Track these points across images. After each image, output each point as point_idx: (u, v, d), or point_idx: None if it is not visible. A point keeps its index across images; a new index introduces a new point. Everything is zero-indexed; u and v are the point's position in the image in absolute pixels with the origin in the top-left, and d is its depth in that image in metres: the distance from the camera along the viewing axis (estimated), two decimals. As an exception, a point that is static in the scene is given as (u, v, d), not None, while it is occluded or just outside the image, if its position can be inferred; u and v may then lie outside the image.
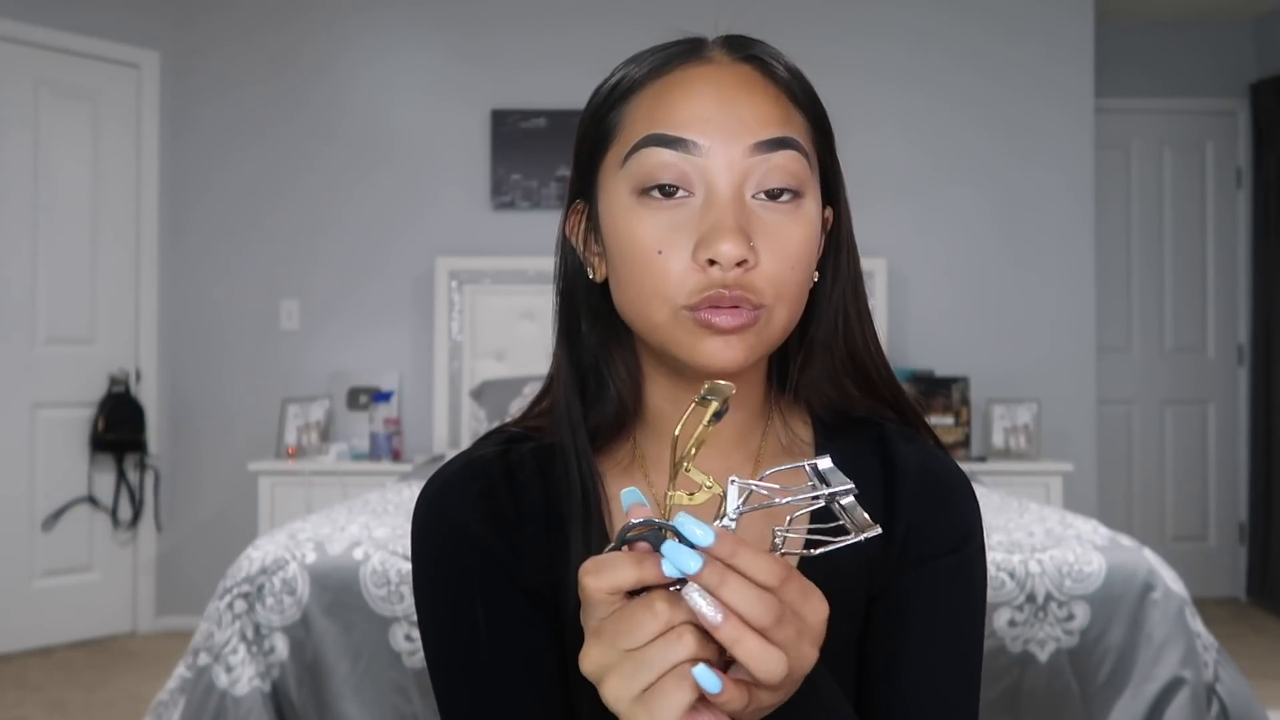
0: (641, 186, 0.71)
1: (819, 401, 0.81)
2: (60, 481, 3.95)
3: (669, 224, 0.71)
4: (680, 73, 0.73)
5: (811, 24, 4.19)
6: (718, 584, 0.54)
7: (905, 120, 4.22)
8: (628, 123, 0.74)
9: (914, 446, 0.81)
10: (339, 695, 1.93)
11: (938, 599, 0.77)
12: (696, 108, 0.71)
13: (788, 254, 0.71)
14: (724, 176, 0.70)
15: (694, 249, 0.70)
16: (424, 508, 0.79)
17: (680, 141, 0.70)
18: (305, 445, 3.98)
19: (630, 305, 0.74)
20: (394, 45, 4.26)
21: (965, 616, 0.78)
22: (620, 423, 0.79)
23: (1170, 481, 4.81)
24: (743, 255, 0.68)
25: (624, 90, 0.75)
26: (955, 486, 0.81)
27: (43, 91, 3.93)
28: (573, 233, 0.80)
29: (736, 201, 0.70)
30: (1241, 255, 4.80)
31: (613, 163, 0.74)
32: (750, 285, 0.70)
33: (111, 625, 4.09)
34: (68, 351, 3.98)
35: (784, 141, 0.72)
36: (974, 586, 0.79)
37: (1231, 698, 2.03)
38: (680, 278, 0.70)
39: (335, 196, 4.23)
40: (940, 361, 4.16)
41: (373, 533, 2.13)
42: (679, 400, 0.78)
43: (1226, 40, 4.79)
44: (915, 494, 0.79)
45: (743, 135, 0.71)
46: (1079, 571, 2.03)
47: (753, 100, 0.72)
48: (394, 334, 4.23)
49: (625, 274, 0.73)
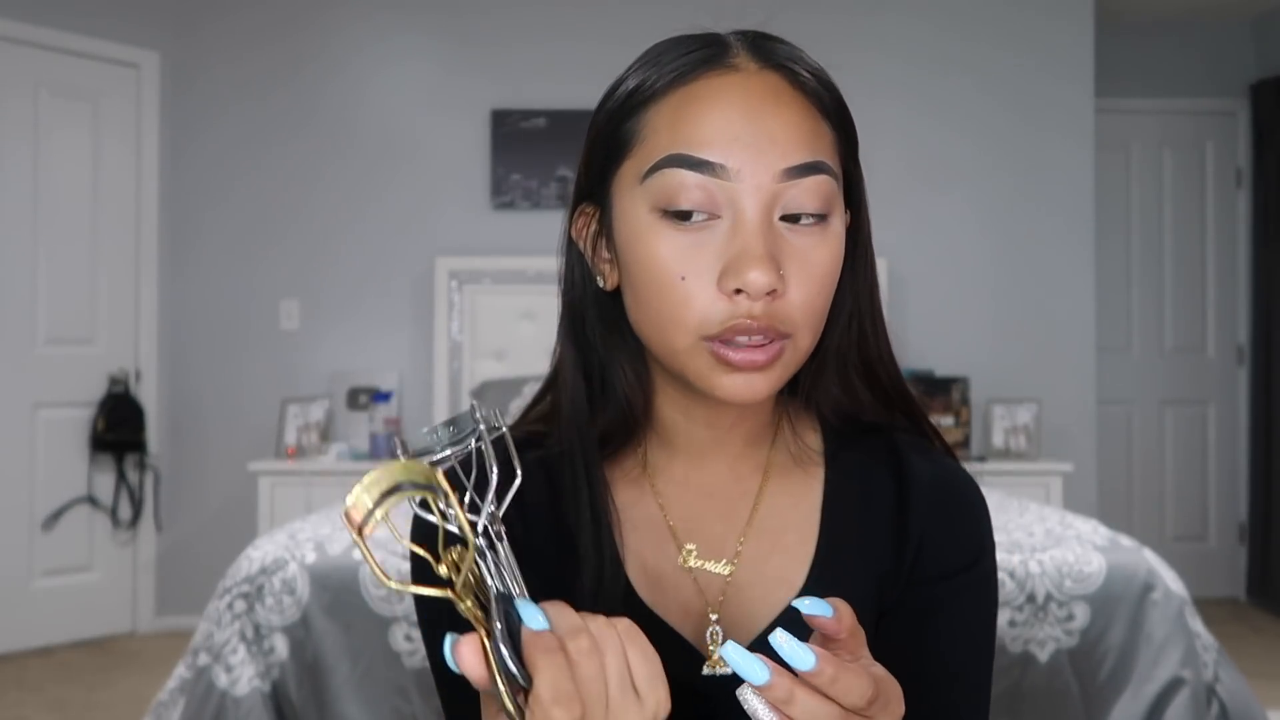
0: (664, 208, 0.68)
1: (829, 407, 0.79)
2: (60, 481, 3.95)
3: (692, 247, 0.67)
4: (705, 83, 0.69)
5: (809, 31, 4.19)
6: (785, 699, 0.54)
7: (906, 120, 4.21)
8: (648, 133, 0.70)
9: (927, 459, 0.79)
10: (339, 695, 1.93)
11: (952, 616, 0.76)
12: (723, 125, 0.67)
13: (815, 279, 0.69)
14: (752, 200, 0.67)
15: (720, 276, 0.67)
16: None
17: (706, 164, 0.67)
18: (305, 445, 3.98)
19: (647, 326, 0.71)
20: (394, 45, 4.26)
21: (979, 633, 0.77)
22: (628, 430, 0.77)
23: (1170, 481, 4.81)
24: (772, 284, 0.65)
25: (644, 97, 0.71)
26: (969, 501, 0.79)
27: (43, 91, 3.93)
28: (580, 236, 0.76)
29: (765, 226, 0.67)
30: (1241, 255, 4.80)
31: (630, 174, 0.71)
32: (778, 314, 0.67)
33: (111, 625, 4.09)
34: (68, 351, 3.98)
35: (815, 166, 0.68)
36: (987, 602, 0.78)
37: (1231, 698, 2.03)
38: (705, 307, 0.67)
39: (335, 196, 4.23)
40: (940, 361, 4.16)
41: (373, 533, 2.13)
42: (690, 413, 0.76)
43: (1226, 40, 4.79)
44: (929, 509, 0.77)
45: (773, 156, 0.67)
46: (1079, 572, 2.03)
47: (781, 115, 0.68)
48: (394, 334, 4.23)
49: (644, 295, 0.70)
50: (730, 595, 0.75)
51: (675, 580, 0.76)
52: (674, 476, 0.79)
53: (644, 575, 0.76)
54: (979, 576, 0.77)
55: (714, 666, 0.74)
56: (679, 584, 0.76)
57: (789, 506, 0.78)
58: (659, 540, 0.77)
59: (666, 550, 0.77)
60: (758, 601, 0.75)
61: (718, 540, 0.77)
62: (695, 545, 0.77)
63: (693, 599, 0.75)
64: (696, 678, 0.74)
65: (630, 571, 0.75)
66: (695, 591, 0.76)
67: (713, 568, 0.76)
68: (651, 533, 0.77)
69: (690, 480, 0.78)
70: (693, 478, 0.78)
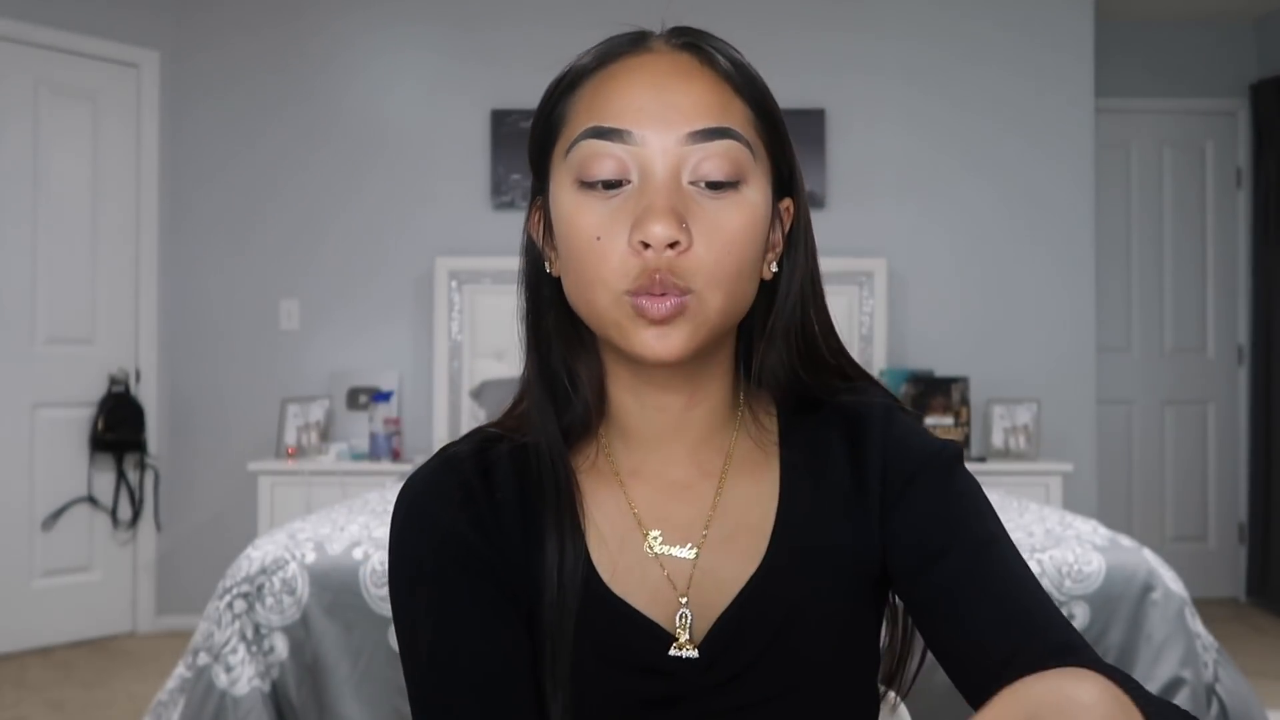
0: (582, 178, 0.73)
1: (776, 389, 0.82)
2: (60, 481, 3.95)
3: (608, 211, 0.72)
4: (621, 63, 0.75)
5: (812, 24, 4.19)
6: None
7: (905, 120, 4.21)
8: (571, 115, 0.75)
9: (869, 396, 0.82)
10: (339, 695, 1.93)
11: (936, 504, 0.77)
12: (631, 97, 0.72)
13: (722, 241, 0.71)
14: (659, 163, 0.71)
15: (629, 233, 0.70)
16: (406, 509, 0.78)
17: (616, 132, 0.72)
18: (305, 445, 3.98)
19: (577, 294, 0.75)
20: (394, 45, 4.26)
21: (974, 504, 0.78)
22: (586, 422, 0.80)
23: (1170, 482, 4.81)
24: (673, 236, 0.69)
25: (569, 83, 0.77)
26: (915, 422, 0.82)
27: (43, 91, 3.93)
28: (535, 230, 0.81)
29: (670, 185, 0.71)
30: (1241, 255, 4.80)
31: (559, 155, 0.75)
32: (680, 269, 0.70)
33: (111, 625, 4.09)
34: (68, 351, 3.98)
35: (721, 131, 0.72)
36: (965, 485, 0.79)
37: (1231, 698, 2.03)
38: (619, 263, 0.71)
39: (335, 196, 4.23)
40: (940, 361, 4.16)
41: (372, 533, 2.13)
42: (639, 393, 0.79)
43: (1227, 40, 4.79)
44: (879, 432, 0.80)
45: (678, 123, 0.71)
46: (1079, 572, 2.03)
47: (689, 88, 0.73)
48: (394, 334, 4.23)
49: (570, 263, 0.74)
50: (696, 579, 0.77)
51: (642, 567, 0.78)
52: (637, 466, 0.81)
53: (611, 562, 0.77)
54: (946, 461, 0.79)
55: (680, 649, 0.76)
56: (646, 570, 0.78)
57: (750, 488, 0.80)
58: (625, 528, 0.79)
59: (633, 537, 0.78)
60: (724, 582, 0.77)
61: (683, 526, 0.79)
62: (660, 532, 0.78)
63: (660, 584, 0.77)
64: (663, 659, 0.75)
65: (597, 559, 0.77)
66: (662, 577, 0.77)
67: (678, 553, 0.78)
68: (618, 521, 0.79)
69: (654, 469, 0.80)
70: (656, 466, 0.80)
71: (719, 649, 0.76)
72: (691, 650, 0.75)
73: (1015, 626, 0.70)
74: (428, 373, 4.19)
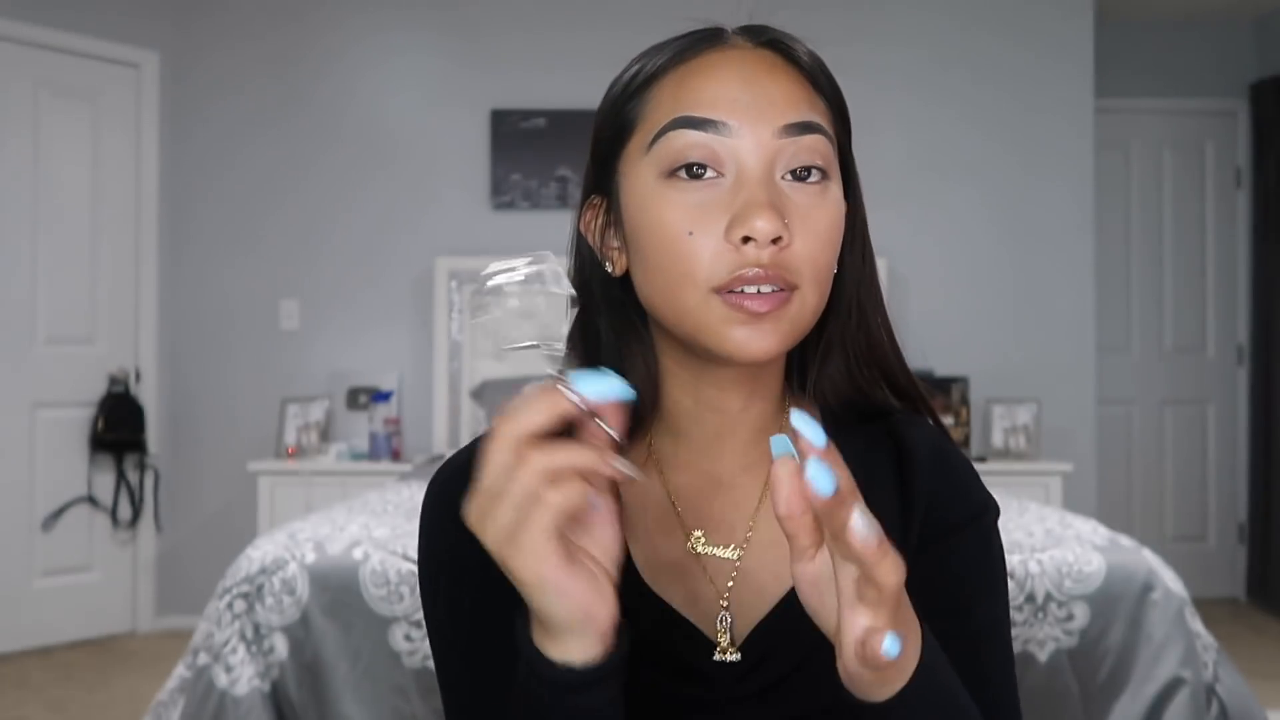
0: (670, 168, 0.70)
1: (835, 398, 0.80)
2: (60, 481, 3.95)
3: (699, 204, 0.69)
4: (704, 58, 0.73)
5: (812, 25, 4.19)
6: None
7: (905, 120, 4.22)
8: (651, 109, 0.72)
9: (922, 431, 0.81)
10: (339, 695, 1.93)
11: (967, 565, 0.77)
12: (723, 89, 0.70)
13: (818, 234, 0.70)
14: (754, 156, 0.69)
15: (727, 228, 0.68)
16: (434, 500, 0.77)
17: (709, 123, 0.69)
18: (305, 445, 3.98)
19: (658, 292, 0.72)
20: (394, 46, 4.26)
21: (995, 578, 0.78)
22: (638, 419, 0.77)
23: (1170, 481, 4.81)
24: (778, 231, 0.67)
25: (645, 79, 0.74)
26: (964, 466, 0.81)
27: (43, 91, 3.93)
28: (588, 229, 0.78)
29: (768, 179, 0.69)
30: (1241, 255, 4.80)
31: (636, 150, 0.73)
32: (785, 264, 0.68)
33: (111, 625, 4.09)
34: (68, 351, 3.98)
35: (811, 125, 0.71)
36: (996, 552, 0.79)
37: (1231, 698, 2.03)
38: (712, 258, 0.68)
39: (335, 197, 4.23)
40: (940, 361, 4.16)
41: (372, 533, 2.13)
42: (699, 393, 0.77)
43: (1227, 40, 4.79)
44: (929, 473, 0.78)
45: (772, 116, 0.70)
46: (1079, 572, 2.03)
47: (778, 83, 0.71)
48: (394, 334, 4.23)
49: (653, 260, 0.71)
50: (739, 581, 0.76)
51: (684, 566, 0.76)
52: (683, 464, 0.79)
53: (652, 561, 0.76)
54: (986, 526, 0.79)
55: (723, 653, 0.74)
56: (687, 570, 0.76)
57: None
58: (667, 527, 0.77)
59: (675, 537, 0.77)
60: (767, 586, 0.76)
61: (726, 527, 0.77)
62: (703, 531, 0.77)
63: (701, 585, 0.76)
64: (706, 664, 0.74)
65: (638, 558, 0.76)
66: (704, 578, 0.76)
67: (721, 553, 0.77)
68: (660, 520, 0.78)
69: (699, 468, 0.79)
70: (702, 465, 0.79)
71: (758, 655, 0.74)
72: (735, 654, 0.74)
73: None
74: (428, 373, 4.19)
